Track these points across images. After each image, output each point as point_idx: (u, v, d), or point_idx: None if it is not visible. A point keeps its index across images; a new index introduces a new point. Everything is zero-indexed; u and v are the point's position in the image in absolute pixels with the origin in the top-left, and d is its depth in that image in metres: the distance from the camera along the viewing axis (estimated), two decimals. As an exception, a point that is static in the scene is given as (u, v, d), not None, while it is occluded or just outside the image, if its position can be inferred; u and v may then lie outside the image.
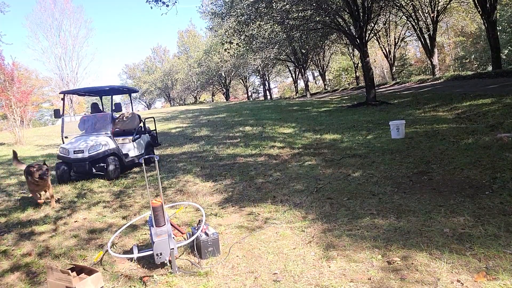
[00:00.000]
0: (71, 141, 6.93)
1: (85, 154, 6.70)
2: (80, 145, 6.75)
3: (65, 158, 6.75)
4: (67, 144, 6.89)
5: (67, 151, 6.74)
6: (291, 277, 2.97)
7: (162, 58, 61.18)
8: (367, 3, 15.02)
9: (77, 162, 6.67)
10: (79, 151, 6.67)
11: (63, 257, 3.81)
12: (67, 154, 6.73)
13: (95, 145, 6.80)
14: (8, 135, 15.40)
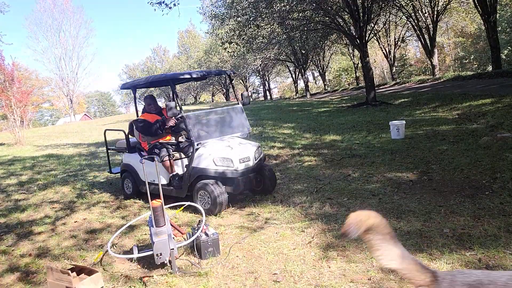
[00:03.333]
0: (217, 148, 4.73)
1: (249, 163, 4.72)
2: (242, 151, 4.71)
3: (226, 173, 4.59)
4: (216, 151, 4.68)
5: (228, 161, 4.57)
6: (291, 277, 2.97)
7: (162, 58, 61.16)
8: (367, 3, 15.01)
9: (245, 175, 4.63)
10: (245, 160, 4.67)
11: (62, 257, 3.81)
12: (229, 165, 4.57)
13: (258, 149, 5.00)
14: (8, 135, 15.41)
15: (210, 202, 4.53)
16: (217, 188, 4.50)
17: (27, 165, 9.13)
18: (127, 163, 5.72)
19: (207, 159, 4.64)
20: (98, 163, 8.90)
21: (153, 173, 5.03)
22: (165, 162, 5.03)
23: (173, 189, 5.05)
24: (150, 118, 5.29)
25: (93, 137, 15.51)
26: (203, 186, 4.59)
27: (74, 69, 42.28)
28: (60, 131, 19.96)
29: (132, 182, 5.59)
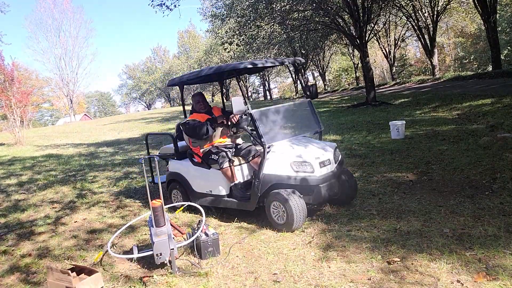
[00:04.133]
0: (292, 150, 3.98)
1: (330, 167, 4.01)
2: (321, 153, 3.99)
3: (305, 180, 3.81)
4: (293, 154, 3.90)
5: (307, 165, 3.81)
6: (291, 277, 2.97)
7: (162, 58, 61.18)
8: (367, 3, 15.02)
9: (326, 181, 3.87)
10: (326, 163, 3.94)
11: (62, 257, 3.81)
12: (308, 171, 3.81)
13: (336, 150, 4.27)
14: (8, 135, 15.41)
15: (286, 216, 3.73)
16: (295, 199, 3.70)
17: (27, 165, 9.13)
18: (175, 171, 4.94)
19: (282, 164, 3.85)
20: (98, 163, 8.90)
21: (209, 182, 4.49)
22: (225, 170, 4.28)
23: (237, 201, 4.26)
24: (200, 118, 4.63)
25: (93, 137, 15.52)
26: (277, 196, 3.79)
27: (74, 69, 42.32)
28: (60, 131, 19.97)
29: (182, 194, 4.87)
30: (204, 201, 4.58)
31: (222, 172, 4.32)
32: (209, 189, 4.52)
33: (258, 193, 3.96)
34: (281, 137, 4.18)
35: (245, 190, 4.30)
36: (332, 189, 3.99)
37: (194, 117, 4.64)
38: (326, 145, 4.23)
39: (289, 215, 3.70)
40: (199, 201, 4.58)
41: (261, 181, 3.93)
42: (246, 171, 4.56)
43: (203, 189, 4.60)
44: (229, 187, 4.38)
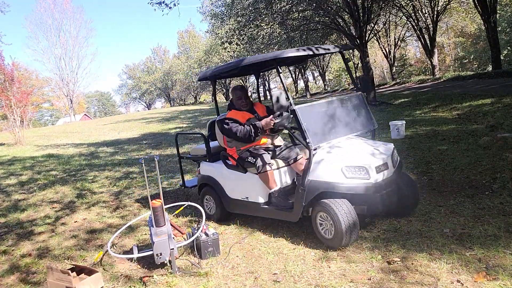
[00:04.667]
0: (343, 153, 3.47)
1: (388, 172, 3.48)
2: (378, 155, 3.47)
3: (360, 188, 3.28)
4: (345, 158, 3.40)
5: (362, 171, 3.32)
6: (291, 277, 2.97)
7: (162, 58, 61.17)
8: (367, 3, 15.01)
9: (383, 189, 3.36)
10: (383, 168, 3.42)
11: (62, 257, 3.81)
12: (363, 177, 3.30)
13: (394, 153, 3.74)
14: (8, 135, 15.41)
15: (335, 230, 3.23)
16: (345, 210, 3.22)
17: (27, 165, 9.13)
18: (207, 175, 4.52)
19: (332, 169, 3.33)
20: (98, 163, 8.90)
21: (245, 188, 4.03)
22: (264, 174, 3.76)
23: (277, 210, 3.74)
24: (239, 117, 4.02)
25: (93, 137, 15.52)
26: (325, 207, 3.29)
27: (74, 69, 42.34)
28: (60, 131, 19.97)
29: (215, 200, 4.42)
30: (241, 209, 4.16)
31: (260, 177, 3.81)
32: (245, 195, 4.04)
33: (302, 202, 3.41)
34: (329, 137, 3.62)
35: (286, 197, 3.81)
36: (390, 198, 3.43)
37: (233, 115, 4.04)
38: (382, 146, 3.68)
39: (338, 229, 3.20)
40: (235, 208, 4.21)
41: (307, 188, 3.39)
42: (287, 176, 4.05)
43: (238, 195, 4.13)
44: (267, 194, 3.87)
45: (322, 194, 3.37)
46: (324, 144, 3.55)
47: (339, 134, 3.71)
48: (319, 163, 3.42)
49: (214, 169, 4.45)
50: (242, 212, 4.18)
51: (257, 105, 4.27)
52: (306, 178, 3.42)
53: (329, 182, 3.32)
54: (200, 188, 4.67)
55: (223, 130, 4.07)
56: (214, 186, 4.40)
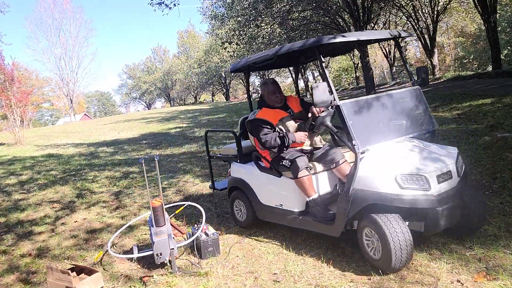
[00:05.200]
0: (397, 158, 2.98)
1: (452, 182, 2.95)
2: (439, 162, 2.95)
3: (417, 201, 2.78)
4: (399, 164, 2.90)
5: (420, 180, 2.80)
6: (291, 277, 2.97)
7: (162, 58, 61.17)
8: (367, 3, 15.03)
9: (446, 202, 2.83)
10: (445, 177, 2.91)
11: (62, 257, 3.81)
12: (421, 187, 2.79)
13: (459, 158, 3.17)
14: (8, 135, 15.41)
15: (383, 250, 2.73)
16: (396, 227, 2.70)
17: (27, 165, 9.13)
18: (238, 177, 4.12)
19: (384, 176, 2.82)
20: (98, 163, 8.90)
21: (280, 194, 3.62)
22: (301, 180, 3.29)
23: (315, 222, 3.29)
24: (271, 117, 3.59)
25: (93, 137, 15.51)
26: (373, 222, 2.79)
27: (74, 69, 42.34)
28: (60, 131, 19.96)
29: (246, 205, 4.01)
30: (273, 217, 3.74)
31: (297, 183, 3.34)
32: (279, 202, 3.61)
33: (346, 215, 2.93)
34: (380, 138, 3.11)
35: (326, 207, 3.31)
36: (454, 213, 2.89)
37: (263, 116, 3.61)
38: (444, 150, 3.16)
39: (387, 249, 2.70)
40: (267, 216, 3.78)
41: (352, 198, 2.90)
42: (327, 182, 3.55)
43: (271, 201, 3.70)
44: (304, 202, 3.42)
45: (370, 207, 2.84)
46: (374, 147, 3.02)
47: (392, 136, 3.19)
48: (367, 170, 2.90)
49: (246, 172, 4.02)
50: (275, 221, 3.76)
51: (290, 99, 3.82)
52: (351, 187, 2.92)
53: (379, 192, 2.79)
54: (230, 192, 4.30)
55: (252, 133, 3.71)
56: (245, 190, 3.99)
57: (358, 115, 3.10)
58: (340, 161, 3.43)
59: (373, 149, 3.00)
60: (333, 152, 3.49)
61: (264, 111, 3.65)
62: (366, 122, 3.17)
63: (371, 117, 3.21)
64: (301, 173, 3.28)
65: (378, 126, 3.25)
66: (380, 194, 2.79)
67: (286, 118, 3.61)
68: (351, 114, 2.99)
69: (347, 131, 2.92)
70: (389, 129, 3.25)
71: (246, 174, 4.03)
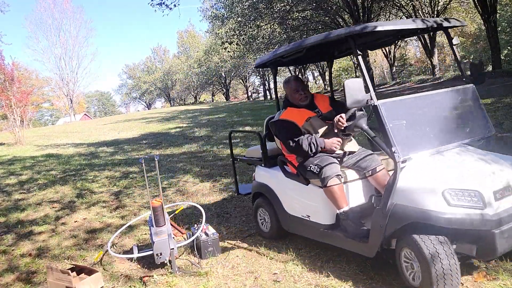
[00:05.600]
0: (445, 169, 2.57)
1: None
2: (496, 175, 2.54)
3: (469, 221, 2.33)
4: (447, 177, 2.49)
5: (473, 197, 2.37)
6: (291, 277, 2.97)
7: (162, 58, 61.19)
8: (367, 3, 15.04)
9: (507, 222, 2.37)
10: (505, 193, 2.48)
11: (62, 257, 3.81)
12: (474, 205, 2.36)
13: None
14: (8, 135, 15.41)
15: (423, 276, 2.37)
16: (441, 252, 2.31)
17: (27, 165, 9.13)
18: (262, 182, 3.76)
19: (429, 191, 2.41)
20: (98, 162, 8.90)
21: (307, 204, 3.25)
22: (331, 189, 2.91)
23: (346, 238, 2.89)
24: (296, 117, 3.24)
25: (93, 137, 15.51)
26: (413, 244, 2.39)
27: (74, 69, 42.34)
28: (60, 131, 19.97)
29: (271, 214, 3.65)
30: (300, 229, 3.39)
31: (326, 192, 2.96)
32: (307, 213, 3.24)
33: (382, 233, 2.55)
34: (425, 145, 2.68)
35: (359, 221, 2.92)
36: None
37: (288, 116, 3.28)
38: (503, 160, 2.69)
39: (428, 276, 2.33)
40: (293, 227, 3.44)
41: (390, 214, 2.51)
42: (361, 192, 3.15)
43: (298, 212, 3.33)
44: (335, 214, 3.02)
45: (411, 225, 2.44)
46: (418, 155, 2.60)
47: (440, 142, 2.73)
48: (409, 182, 2.49)
49: (270, 177, 3.65)
50: (301, 234, 3.41)
51: (318, 97, 3.45)
52: (390, 200, 2.52)
53: (422, 209, 2.37)
54: (254, 198, 3.94)
55: (277, 135, 3.43)
56: (269, 197, 3.63)
57: (400, 117, 2.68)
58: (377, 168, 3.01)
59: (416, 158, 2.58)
60: (369, 157, 3.11)
61: (289, 111, 3.32)
62: (409, 126, 2.74)
63: (415, 119, 2.81)
64: (330, 182, 2.90)
65: (423, 131, 2.81)
66: (423, 212, 2.37)
67: (314, 118, 3.23)
68: (391, 116, 2.55)
69: (386, 136, 2.51)
70: (436, 134, 2.79)
71: (271, 179, 3.65)
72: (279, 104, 3.79)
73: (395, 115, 2.62)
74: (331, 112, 3.27)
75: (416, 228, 2.42)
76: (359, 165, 3.12)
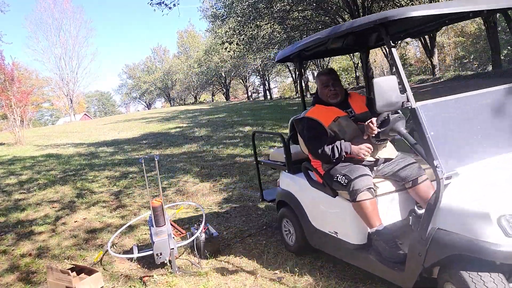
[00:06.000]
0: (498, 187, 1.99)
1: None
2: None
3: None
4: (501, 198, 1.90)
5: None
6: (291, 277, 2.97)
7: (162, 58, 61.19)
8: (367, 3, 15.04)
9: None
10: None
11: (62, 257, 3.81)
12: None
13: None
14: (8, 135, 15.40)
15: None
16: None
17: (27, 165, 9.13)
18: (286, 190, 3.36)
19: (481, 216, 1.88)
20: (98, 162, 8.90)
21: (334, 219, 2.83)
22: (362, 204, 2.47)
23: (379, 263, 2.45)
24: (323, 115, 2.83)
25: (93, 137, 15.51)
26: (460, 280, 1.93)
27: (74, 69, 42.33)
28: (60, 131, 19.97)
29: (296, 227, 3.24)
30: (327, 246, 2.97)
31: (355, 207, 2.53)
32: (334, 229, 2.82)
33: (421, 263, 2.11)
34: (475, 156, 2.18)
35: (395, 243, 2.43)
36: None
37: (314, 114, 2.88)
38: None
39: None
40: (320, 244, 3.03)
41: (430, 241, 2.05)
42: (399, 207, 2.65)
43: (325, 226, 2.92)
44: (366, 233, 2.58)
45: (458, 257, 1.96)
46: (466, 168, 2.10)
47: (494, 152, 2.21)
48: (455, 202, 2.00)
49: (295, 184, 3.24)
50: (330, 253, 2.98)
51: (353, 96, 3.03)
52: (431, 224, 2.06)
53: (472, 240, 1.87)
54: (278, 206, 3.54)
55: (303, 137, 2.97)
56: (294, 207, 3.23)
57: (443, 122, 2.20)
58: (419, 179, 2.51)
59: (464, 173, 2.06)
60: (410, 166, 2.60)
61: (316, 109, 2.92)
62: (454, 133, 2.22)
63: (463, 125, 2.28)
64: (361, 196, 2.46)
65: (473, 138, 2.24)
66: (473, 242, 1.86)
67: (343, 118, 2.79)
68: (432, 121, 2.09)
69: (426, 146, 2.04)
70: (489, 143, 2.26)
71: (295, 187, 3.24)
72: (304, 103, 3.49)
73: (437, 120, 2.15)
74: (366, 113, 2.84)
75: (463, 261, 1.94)
76: (398, 175, 2.63)
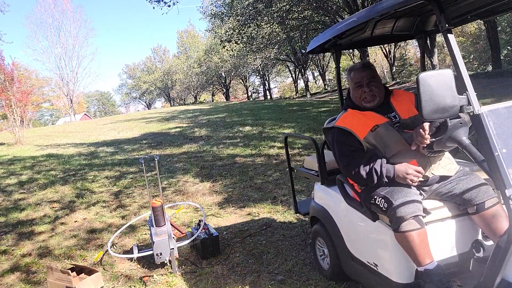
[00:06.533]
0: None
1: None
2: None
3: None
4: None
5: None
6: (291, 277, 2.97)
7: (162, 58, 61.19)
8: (367, 3, 15.04)
9: None
10: None
11: (63, 257, 3.81)
12: None
13: None
14: (8, 135, 15.40)
15: None
16: None
17: (27, 164, 9.13)
18: (320, 205, 2.80)
19: None
20: (98, 162, 8.91)
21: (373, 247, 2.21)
22: (407, 236, 1.88)
23: None
24: (357, 124, 2.21)
25: (93, 136, 15.51)
26: None
27: (74, 69, 42.35)
28: (60, 131, 19.97)
29: (330, 250, 2.67)
30: (364, 279, 2.35)
31: (398, 238, 1.94)
32: (373, 260, 2.21)
33: None
34: None
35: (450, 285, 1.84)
36: None
37: (345, 123, 2.26)
38: None
39: None
40: (356, 275, 2.43)
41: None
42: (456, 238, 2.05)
43: (363, 255, 2.32)
44: (413, 270, 1.99)
45: None
46: None
47: None
48: None
49: (330, 199, 2.67)
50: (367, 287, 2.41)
51: (397, 95, 2.35)
52: (499, 274, 1.58)
53: None
54: (311, 222, 3.03)
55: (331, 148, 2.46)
56: (327, 225, 2.65)
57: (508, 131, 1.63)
58: (487, 203, 1.91)
59: None
60: (473, 186, 1.99)
61: (349, 115, 2.29)
62: None
63: None
64: (405, 225, 1.88)
65: None
66: None
67: (384, 126, 2.14)
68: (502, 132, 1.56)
69: (495, 168, 1.52)
70: None
71: (330, 202, 2.67)
72: (342, 100, 2.75)
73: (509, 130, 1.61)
74: (415, 118, 2.16)
75: None
76: (458, 197, 2.02)
